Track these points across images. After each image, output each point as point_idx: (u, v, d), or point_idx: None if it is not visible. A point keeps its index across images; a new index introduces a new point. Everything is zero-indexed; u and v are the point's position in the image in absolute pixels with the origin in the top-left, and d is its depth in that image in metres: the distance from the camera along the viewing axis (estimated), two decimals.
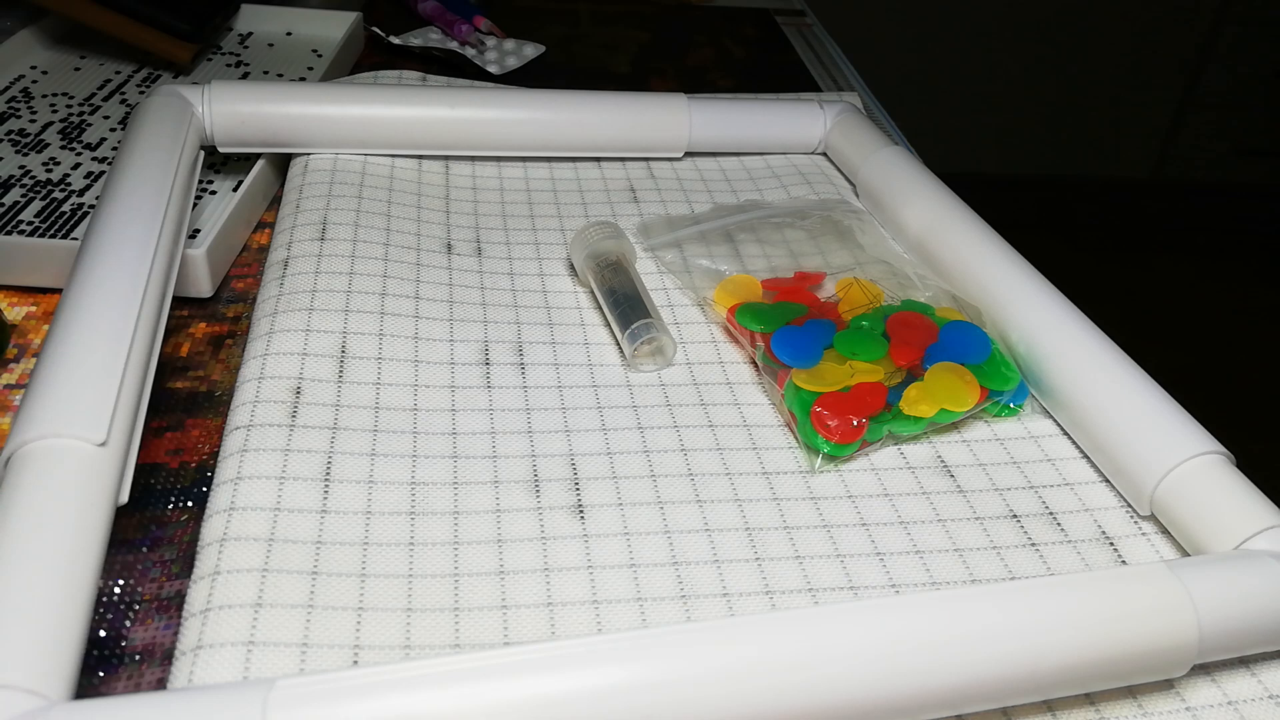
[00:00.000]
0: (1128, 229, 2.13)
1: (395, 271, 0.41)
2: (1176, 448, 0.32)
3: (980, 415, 0.38)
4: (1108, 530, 0.33)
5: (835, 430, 0.34)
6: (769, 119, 0.53)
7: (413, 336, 0.38)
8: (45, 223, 0.44)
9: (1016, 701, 0.26)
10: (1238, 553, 0.29)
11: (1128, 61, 1.99)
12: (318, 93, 0.47)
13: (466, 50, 0.66)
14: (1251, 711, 0.28)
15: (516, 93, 0.50)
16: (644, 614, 0.29)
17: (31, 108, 0.54)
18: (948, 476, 0.35)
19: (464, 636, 0.28)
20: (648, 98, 0.51)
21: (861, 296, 0.41)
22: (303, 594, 0.28)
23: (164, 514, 0.32)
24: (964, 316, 0.39)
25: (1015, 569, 0.31)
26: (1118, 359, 0.36)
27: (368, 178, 0.46)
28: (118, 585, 0.30)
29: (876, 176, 0.49)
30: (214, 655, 0.26)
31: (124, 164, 0.38)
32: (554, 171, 0.51)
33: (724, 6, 0.83)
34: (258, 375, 0.35)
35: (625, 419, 0.36)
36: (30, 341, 0.39)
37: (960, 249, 0.42)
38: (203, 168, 0.46)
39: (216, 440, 0.35)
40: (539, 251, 0.45)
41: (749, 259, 0.44)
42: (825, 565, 0.31)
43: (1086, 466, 0.36)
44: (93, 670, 0.27)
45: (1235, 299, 1.91)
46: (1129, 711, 0.28)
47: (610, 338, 0.40)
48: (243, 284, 0.43)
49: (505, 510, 0.32)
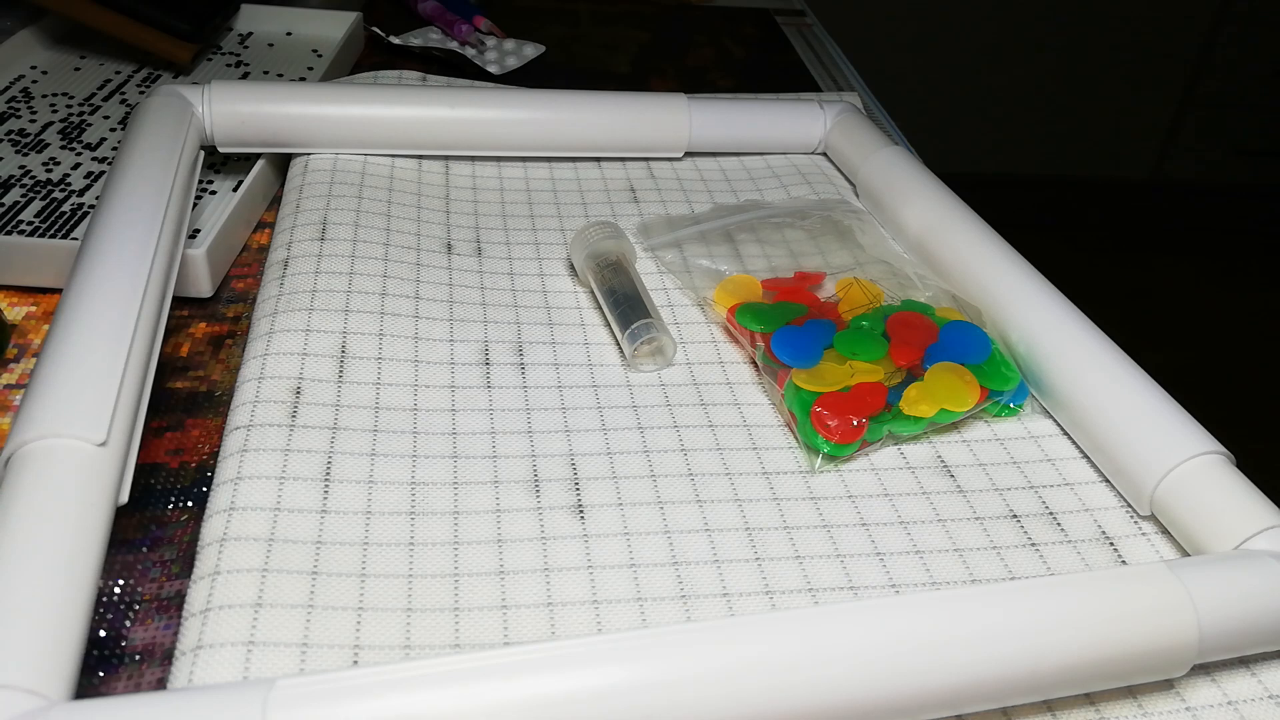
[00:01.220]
0: (1128, 229, 2.13)
1: (395, 271, 0.41)
2: (1176, 448, 0.32)
3: (980, 415, 0.38)
4: (1108, 530, 0.33)
5: (835, 430, 0.34)
6: (769, 119, 0.53)
7: (413, 336, 0.38)
8: (45, 223, 0.44)
9: (1016, 701, 0.26)
10: (1238, 553, 0.29)
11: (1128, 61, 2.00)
12: (318, 93, 0.47)
13: (466, 50, 0.66)
14: (1251, 711, 0.28)
15: (516, 93, 0.50)
16: (644, 614, 0.29)
17: (31, 108, 0.54)
18: (948, 476, 0.35)
19: (464, 636, 0.28)
20: (648, 98, 0.51)
21: (861, 296, 0.41)
22: (303, 594, 0.28)
23: (164, 514, 0.32)
24: (964, 316, 0.39)
25: (1015, 569, 0.31)
26: (1118, 359, 0.36)
27: (368, 178, 0.46)
28: (118, 585, 0.30)
29: (876, 176, 0.49)
30: (214, 655, 0.26)
31: (124, 164, 0.38)
32: (554, 171, 0.51)
33: (724, 6, 0.83)
34: (258, 375, 0.35)
35: (625, 419, 0.36)
36: (30, 341, 0.39)
37: (960, 249, 0.42)
38: (203, 168, 0.46)
39: (216, 440, 0.35)
40: (539, 251, 0.45)
41: (749, 259, 0.44)
42: (825, 565, 0.31)
43: (1086, 466, 0.36)
44: (93, 670, 0.27)
45: (1235, 299, 1.91)
46: (1129, 711, 0.28)
47: (610, 338, 0.40)
48: (243, 284, 0.43)
49: (505, 510, 0.32)
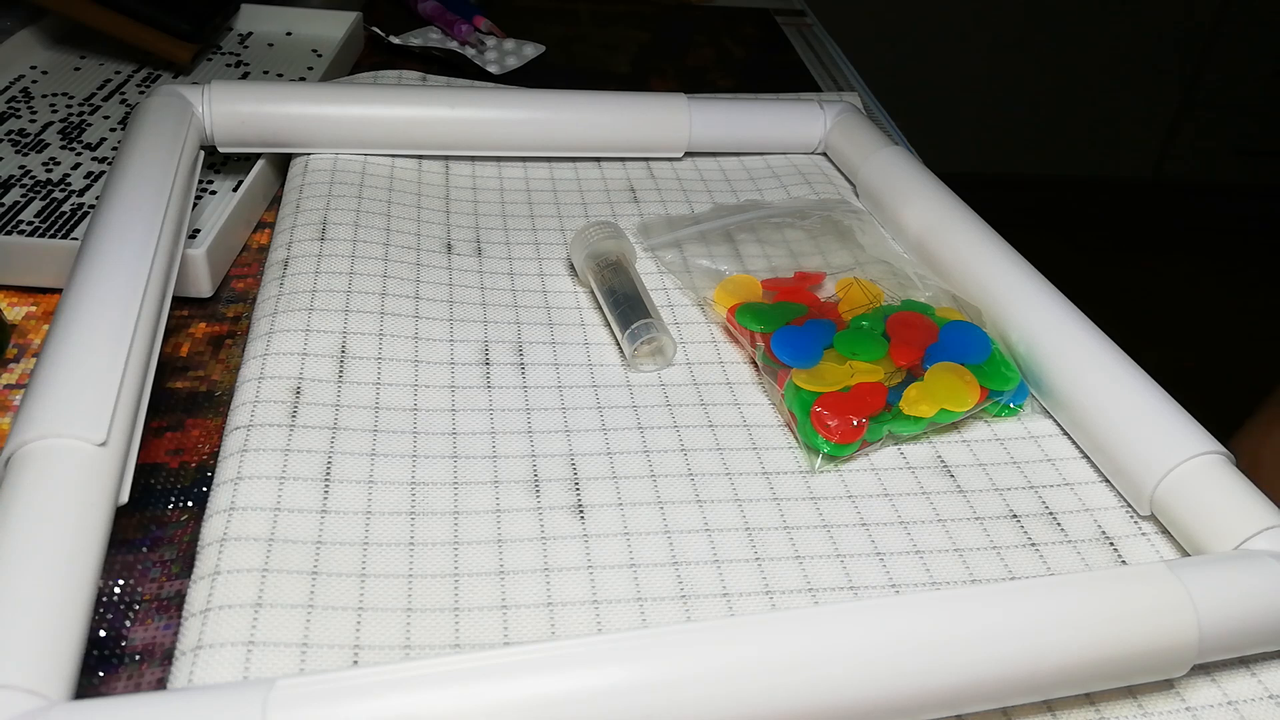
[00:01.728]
0: (1128, 229, 2.14)
1: (395, 271, 0.41)
2: (1176, 448, 0.32)
3: (980, 415, 0.38)
4: (1108, 530, 0.33)
5: (835, 430, 0.34)
6: (769, 119, 0.53)
7: (413, 336, 0.38)
8: (45, 223, 0.44)
9: (1016, 701, 0.26)
10: (1238, 553, 0.29)
11: (1128, 61, 2.00)
12: (318, 93, 0.47)
13: (466, 50, 0.66)
14: (1251, 711, 0.28)
15: (516, 93, 0.50)
16: (644, 614, 0.29)
17: (31, 108, 0.54)
18: (948, 476, 0.35)
19: (464, 636, 0.28)
20: (648, 98, 0.51)
21: (861, 296, 0.41)
22: (303, 594, 0.28)
23: (164, 514, 0.32)
24: (964, 316, 0.39)
25: (1015, 569, 0.31)
26: (1118, 359, 0.36)
27: (368, 178, 0.46)
28: (118, 585, 0.30)
29: (876, 176, 0.49)
30: (214, 655, 0.26)
31: (124, 164, 0.38)
32: (554, 171, 0.51)
33: (724, 6, 0.83)
34: (258, 375, 0.35)
35: (625, 419, 0.36)
36: (30, 341, 0.39)
37: (960, 249, 0.42)
38: (203, 168, 0.46)
39: (216, 440, 0.35)
40: (539, 251, 0.45)
41: (749, 259, 0.44)
42: (825, 565, 0.31)
43: (1086, 466, 0.36)
44: (93, 670, 0.27)
45: (1235, 299, 1.91)
46: (1129, 711, 0.28)
47: (610, 338, 0.40)
48: (243, 284, 0.43)
49: (505, 510, 0.32)
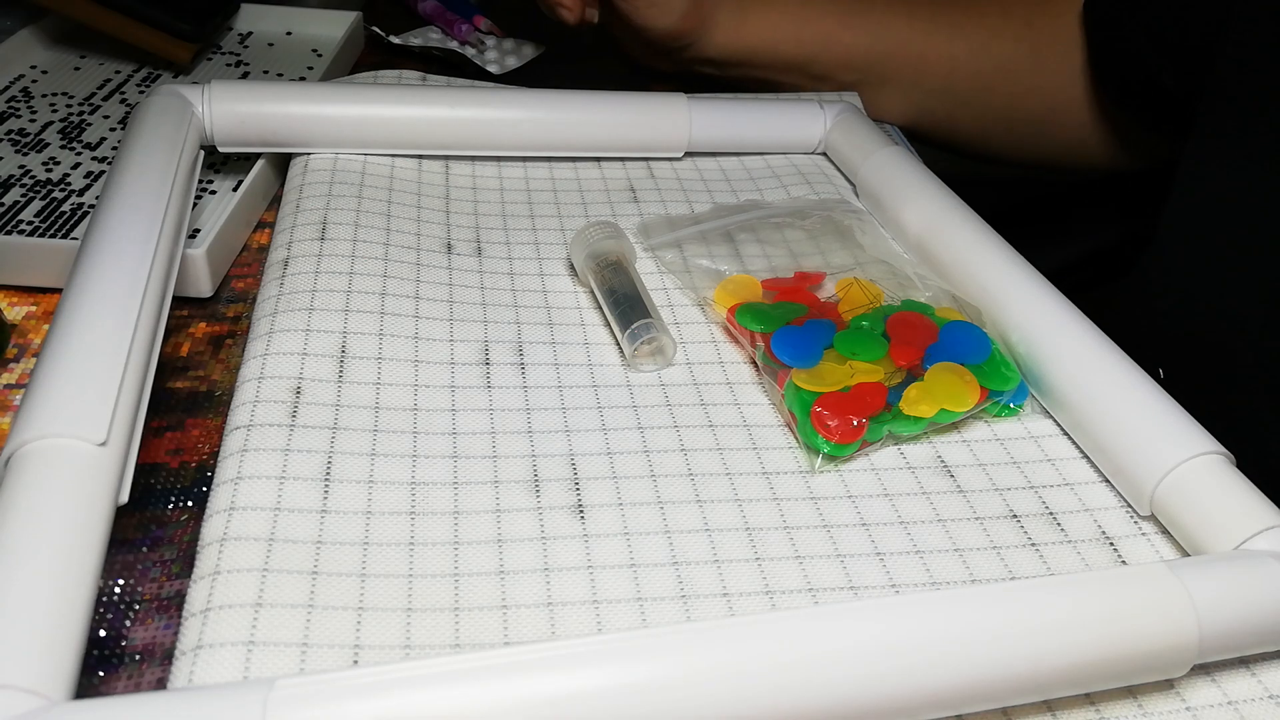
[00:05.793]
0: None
1: (395, 271, 0.41)
2: (1176, 448, 0.32)
3: (980, 415, 0.38)
4: (1108, 530, 0.33)
5: (835, 430, 0.34)
6: (769, 119, 0.53)
7: (413, 336, 0.38)
8: (45, 223, 0.44)
9: (1016, 702, 0.26)
10: (1238, 553, 0.29)
11: None
12: (317, 93, 0.47)
13: (466, 50, 0.66)
14: (1251, 711, 0.28)
15: (516, 93, 0.50)
16: (644, 614, 0.29)
17: (31, 108, 0.54)
18: (948, 476, 0.35)
19: (464, 636, 0.28)
20: (648, 98, 0.51)
21: (861, 296, 0.41)
22: (303, 594, 0.28)
23: (164, 514, 0.32)
24: (964, 316, 0.39)
25: (1015, 569, 0.31)
26: (1118, 359, 0.36)
27: (368, 178, 0.46)
28: (118, 585, 0.30)
29: (876, 176, 0.49)
30: (214, 655, 0.26)
31: (124, 164, 0.38)
32: (554, 171, 0.51)
33: None
34: (258, 375, 0.35)
35: (625, 419, 0.36)
36: (30, 341, 0.39)
37: (960, 249, 0.42)
38: (203, 168, 0.46)
39: (216, 440, 0.35)
40: (539, 251, 0.45)
41: (749, 259, 0.44)
42: (825, 565, 0.31)
43: (1086, 466, 0.36)
44: (93, 670, 0.27)
45: None
46: (1129, 711, 0.28)
47: (610, 338, 0.40)
48: (243, 284, 0.43)
49: (505, 510, 0.32)
